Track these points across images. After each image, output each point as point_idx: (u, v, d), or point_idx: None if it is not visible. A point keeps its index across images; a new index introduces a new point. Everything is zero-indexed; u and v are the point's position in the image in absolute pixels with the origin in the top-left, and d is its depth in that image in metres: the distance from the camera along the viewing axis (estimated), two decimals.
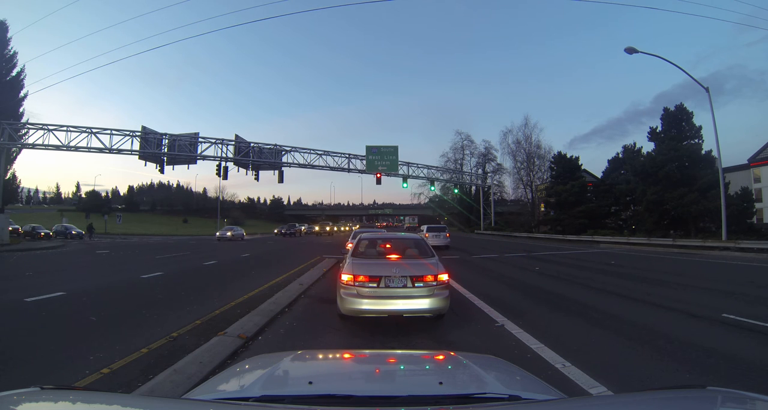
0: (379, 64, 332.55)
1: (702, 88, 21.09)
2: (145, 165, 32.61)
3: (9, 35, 28.43)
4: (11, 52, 28.51)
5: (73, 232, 35.09)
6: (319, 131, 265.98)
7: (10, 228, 27.74)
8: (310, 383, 1.39)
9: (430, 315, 5.18)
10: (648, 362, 4.14)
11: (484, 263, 15.17)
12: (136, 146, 29.56)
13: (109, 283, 9.49)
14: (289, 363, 1.78)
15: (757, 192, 36.93)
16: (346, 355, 2.19)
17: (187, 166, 33.95)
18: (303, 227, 53.91)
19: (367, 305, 4.98)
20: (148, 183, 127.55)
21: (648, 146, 33.23)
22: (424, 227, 24.49)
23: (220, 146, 31.40)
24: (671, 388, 1.63)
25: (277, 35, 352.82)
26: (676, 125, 29.11)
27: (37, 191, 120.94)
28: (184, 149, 30.81)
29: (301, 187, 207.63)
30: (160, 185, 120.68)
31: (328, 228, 55.68)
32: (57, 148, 28.69)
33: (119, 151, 29.44)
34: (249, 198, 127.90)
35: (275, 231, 48.89)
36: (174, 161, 31.53)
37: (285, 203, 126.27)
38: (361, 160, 35.27)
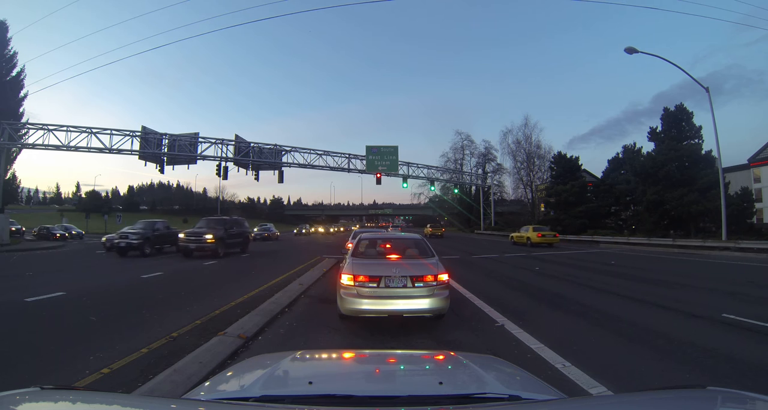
0: (379, 63, 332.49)
1: (701, 89, 21.11)
2: (145, 165, 32.56)
3: (9, 35, 28.42)
4: (11, 52, 28.50)
5: (73, 232, 35.08)
6: (319, 130, 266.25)
7: (13, 228, 27.75)
8: (310, 383, 1.39)
9: (430, 315, 5.18)
10: (648, 362, 4.14)
11: (484, 263, 15.17)
12: (136, 146, 29.53)
13: (109, 283, 9.49)
14: (289, 363, 1.78)
15: (757, 192, 36.94)
16: (346, 355, 2.19)
17: (187, 166, 33.91)
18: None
19: (367, 305, 4.98)
20: (148, 183, 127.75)
21: (648, 146, 33.35)
22: (390, 226, 33.11)
23: (220, 146, 31.40)
24: (671, 388, 1.63)
25: (278, 34, 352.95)
26: (676, 125, 29.14)
27: (37, 191, 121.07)
28: (184, 149, 30.79)
29: (301, 187, 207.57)
30: (160, 185, 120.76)
31: (203, 239, 16.46)
32: (57, 148, 28.66)
33: (119, 151, 29.42)
34: (249, 198, 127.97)
35: (103, 240, 19.63)
36: (174, 161, 31.52)
37: (285, 203, 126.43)
38: (361, 160, 35.26)
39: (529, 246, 24.27)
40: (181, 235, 17.08)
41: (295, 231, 53.49)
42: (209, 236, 16.36)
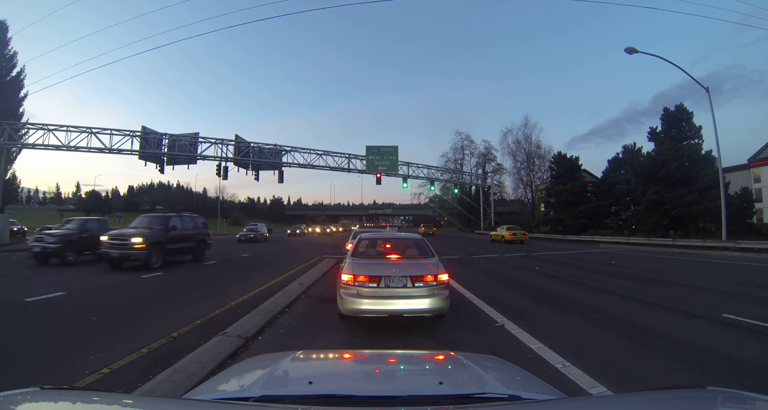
0: (379, 63, 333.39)
1: (701, 89, 21.11)
2: (145, 165, 32.57)
3: (9, 35, 28.43)
4: (11, 52, 28.50)
5: None
6: (319, 130, 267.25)
7: (15, 228, 27.72)
8: (310, 383, 1.39)
9: (430, 315, 5.18)
10: (648, 362, 4.14)
11: (484, 263, 15.16)
12: (136, 146, 29.53)
13: (108, 283, 9.49)
14: (289, 363, 1.78)
15: (757, 192, 36.92)
16: (346, 355, 2.19)
17: (187, 166, 33.92)
18: None
19: (367, 305, 4.98)
20: (148, 183, 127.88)
21: (648, 146, 33.40)
22: (388, 226, 36.72)
23: (220, 146, 31.40)
24: (671, 388, 1.63)
25: (278, 34, 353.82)
26: (676, 125, 29.16)
27: (37, 191, 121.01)
28: (184, 149, 30.79)
29: (301, 187, 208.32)
30: (160, 185, 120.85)
31: None
32: (57, 148, 28.66)
33: (119, 151, 29.42)
34: (249, 198, 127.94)
35: (29, 243, 15.99)
36: (174, 161, 31.51)
37: (285, 203, 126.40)
38: (361, 160, 35.26)
39: (503, 243, 27.78)
40: (103, 238, 12.51)
41: (288, 232, 48.53)
42: (137, 240, 11.95)
